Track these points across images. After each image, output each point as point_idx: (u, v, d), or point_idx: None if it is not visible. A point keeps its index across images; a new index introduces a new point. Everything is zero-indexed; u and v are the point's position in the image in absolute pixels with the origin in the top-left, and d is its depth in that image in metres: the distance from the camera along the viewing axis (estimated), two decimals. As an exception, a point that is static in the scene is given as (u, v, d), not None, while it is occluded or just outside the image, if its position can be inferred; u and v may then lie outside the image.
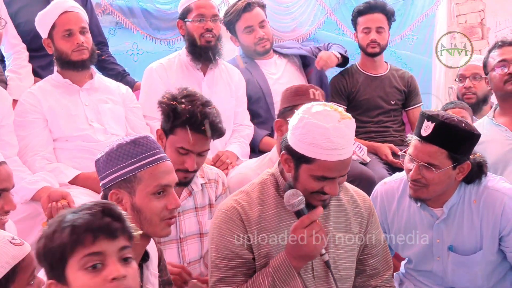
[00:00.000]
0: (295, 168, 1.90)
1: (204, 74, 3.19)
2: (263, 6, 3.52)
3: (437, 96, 4.78)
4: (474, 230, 2.18)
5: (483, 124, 2.81)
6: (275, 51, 3.62)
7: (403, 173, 2.32)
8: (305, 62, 3.65)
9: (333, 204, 2.02)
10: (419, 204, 2.24)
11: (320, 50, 3.73)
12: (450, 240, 2.23)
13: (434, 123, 2.07)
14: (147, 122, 3.03)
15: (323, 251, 1.89)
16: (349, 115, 1.88)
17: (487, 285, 2.25)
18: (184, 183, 2.31)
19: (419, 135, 2.12)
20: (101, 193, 1.75)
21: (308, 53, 3.67)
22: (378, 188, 2.42)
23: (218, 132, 2.30)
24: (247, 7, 3.43)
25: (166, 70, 3.15)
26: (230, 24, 3.50)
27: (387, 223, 2.35)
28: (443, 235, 2.23)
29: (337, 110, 1.85)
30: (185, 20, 3.16)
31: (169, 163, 1.73)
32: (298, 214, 1.86)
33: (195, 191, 2.38)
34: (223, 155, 2.92)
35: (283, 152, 1.93)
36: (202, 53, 3.13)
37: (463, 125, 2.07)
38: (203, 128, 2.23)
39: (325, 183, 1.86)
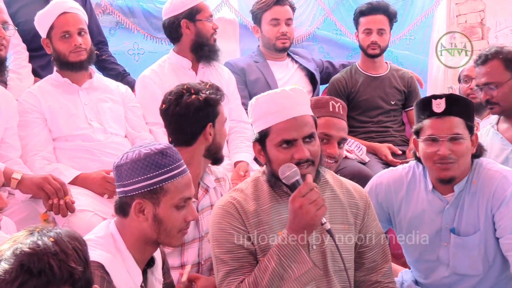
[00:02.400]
0: (264, 152, 1.94)
1: (196, 73, 3.21)
2: (293, 8, 3.62)
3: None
4: (473, 211, 2.19)
5: (487, 132, 2.81)
6: (288, 55, 3.69)
7: (409, 163, 2.37)
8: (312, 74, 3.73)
9: (328, 197, 2.02)
10: (430, 188, 2.25)
11: (330, 64, 3.91)
12: (454, 223, 2.23)
13: (444, 98, 2.13)
14: (150, 128, 3.03)
15: (324, 220, 1.83)
16: (296, 85, 1.98)
17: (490, 273, 2.23)
18: None
19: (433, 114, 2.15)
20: (117, 199, 1.74)
21: (318, 67, 3.80)
22: (384, 175, 2.42)
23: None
24: (280, 1, 3.54)
25: (159, 75, 3.16)
26: (258, 13, 3.58)
27: (392, 210, 2.36)
28: (453, 220, 2.24)
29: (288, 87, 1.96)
30: (195, 20, 3.16)
31: (189, 175, 1.76)
32: (294, 186, 1.83)
33: (210, 188, 2.39)
34: (246, 172, 2.95)
35: (253, 145, 1.98)
36: (209, 52, 3.17)
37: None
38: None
39: (292, 150, 1.88)
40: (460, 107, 2.16)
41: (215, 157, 2.38)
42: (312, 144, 1.91)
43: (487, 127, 2.85)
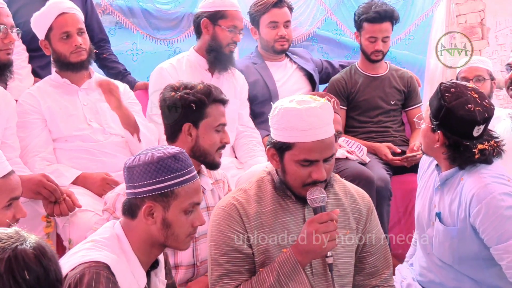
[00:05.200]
0: (280, 160, 1.93)
1: (212, 75, 3.22)
2: (291, 9, 3.60)
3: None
4: (455, 205, 2.20)
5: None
6: (287, 55, 3.68)
7: None
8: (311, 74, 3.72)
9: (331, 201, 2.02)
10: (436, 163, 2.30)
11: (329, 64, 3.89)
12: (440, 208, 2.27)
13: (439, 85, 2.19)
14: (153, 118, 3.02)
15: (330, 253, 1.88)
16: (325, 100, 1.92)
17: (463, 268, 2.23)
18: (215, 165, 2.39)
19: None
20: (125, 200, 1.74)
21: (317, 68, 3.78)
22: None
23: None
24: (278, 3, 3.51)
25: (177, 69, 3.18)
26: (256, 15, 3.55)
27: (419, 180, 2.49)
28: (439, 201, 2.27)
29: (312, 97, 1.90)
30: (216, 24, 3.18)
31: (199, 181, 1.77)
32: (315, 211, 1.87)
33: (206, 190, 2.39)
34: None
35: (268, 148, 1.96)
36: (223, 60, 3.18)
37: (454, 102, 2.09)
38: (223, 96, 2.38)
39: (311, 169, 1.88)
40: (433, 100, 2.19)
41: (203, 161, 2.35)
42: (330, 163, 1.92)
43: (506, 121, 2.84)
